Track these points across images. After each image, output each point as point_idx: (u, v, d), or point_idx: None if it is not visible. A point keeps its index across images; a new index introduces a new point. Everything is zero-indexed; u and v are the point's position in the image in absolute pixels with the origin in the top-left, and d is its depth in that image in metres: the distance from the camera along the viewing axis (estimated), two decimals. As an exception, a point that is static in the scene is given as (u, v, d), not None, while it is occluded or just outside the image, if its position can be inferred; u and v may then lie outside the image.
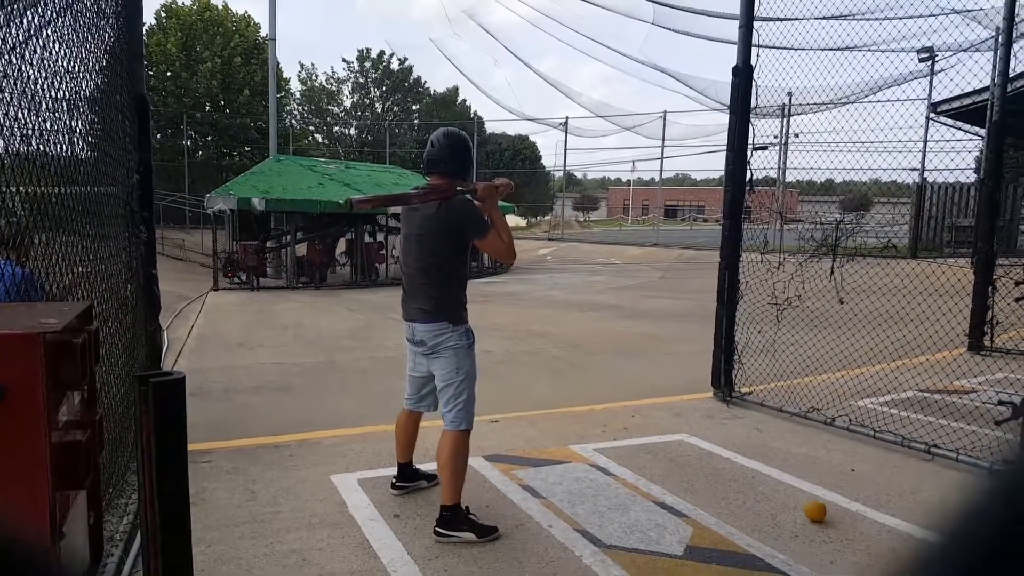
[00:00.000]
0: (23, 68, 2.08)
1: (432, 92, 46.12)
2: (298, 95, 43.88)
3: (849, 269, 5.29)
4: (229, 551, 3.03)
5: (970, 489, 0.35)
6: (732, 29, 5.44)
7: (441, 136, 3.32)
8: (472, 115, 44.20)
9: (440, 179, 3.27)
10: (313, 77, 44.49)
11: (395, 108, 45.17)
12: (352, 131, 44.95)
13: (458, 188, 3.21)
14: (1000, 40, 7.00)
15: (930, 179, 20.16)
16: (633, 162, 38.62)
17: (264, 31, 31.62)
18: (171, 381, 1.68)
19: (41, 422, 1.55)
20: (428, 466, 3.79)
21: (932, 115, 16.24)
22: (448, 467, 3.16)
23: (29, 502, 1.54)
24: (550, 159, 51.78)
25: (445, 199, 3.18)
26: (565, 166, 35.25)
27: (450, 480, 3.17)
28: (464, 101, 47.14)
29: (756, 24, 5.26)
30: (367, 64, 44.55)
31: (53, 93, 2.43)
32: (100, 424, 2.05)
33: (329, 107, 44.96)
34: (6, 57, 1.94)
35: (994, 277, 6.92)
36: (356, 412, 5.26)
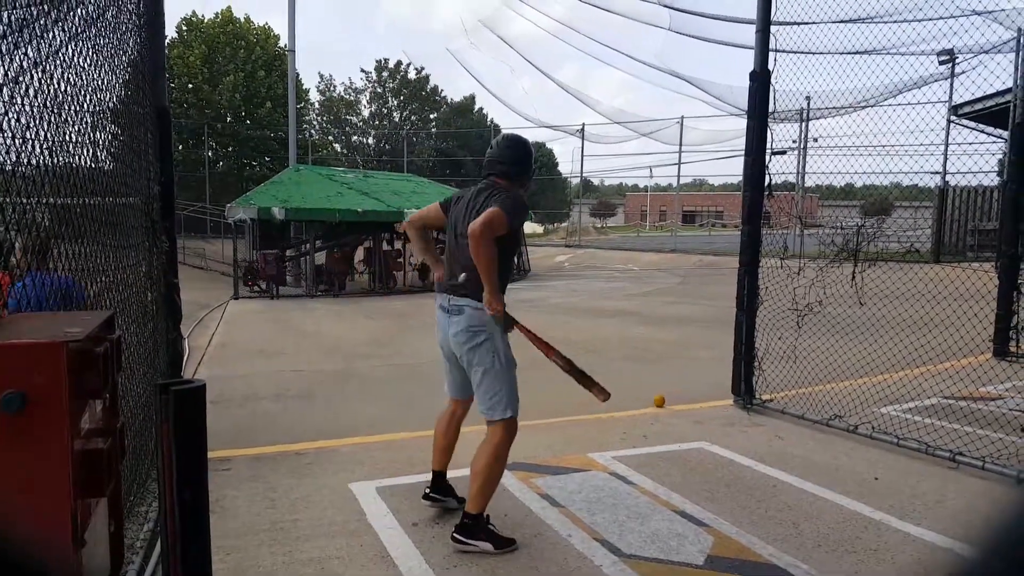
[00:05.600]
0: (47, 83, 2.12)
1: (449, 101, 46.38)
2: (317, 105, 44.37)
3: (870, 274, 5.22)
4: (249, 559, 3.04)
5: (1005, 501, 0.34)
6: (749, 34, 5.41)
7: (501, 140, 3.39)
8: (489, 123, 44.37)
9: (499, 179, 3.23)
10: (332, 88, 44.97)
11: (412, 117, 45.47)
12: (370, 140, 45.35)
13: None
14: (1022, 41, 6.89)
15: (952, 182, 19.87)
16: (651, 168, 38.51)
17: (283, 42, 32.04)
18: (192, 389, 1.69)
19: (63, 430, 1.57)
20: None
21: (953, 118, 16.02)
22: (484, 474, 3.09)
23: (51, 510, 1.56)
24: (567, 166, 51.68)
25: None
26: (582, 173, 35.28)
27: (485, 488, 3.10)
28: (481, 109, 47.35)
29: (773, 28, 5.22)
30: (385, 74, 44.93)
31: (76, 106, 2.47)
32: (122, 432, 2.07)
33: (348, 117, 45.39)
34: (31, 73, 1.98)
35: (1019, 281, 6.79)
36: (375, 420, 5.27)
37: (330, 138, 44.45)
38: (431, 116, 46.09)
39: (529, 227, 33.86)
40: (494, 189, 3.17)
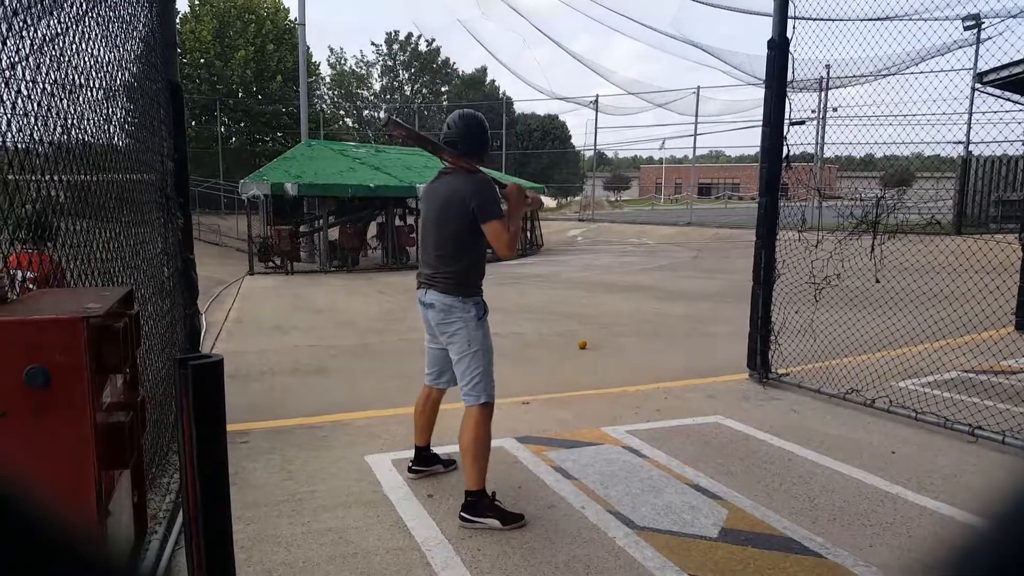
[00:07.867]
0: (60, 59, 2.12)
1: (461, 73, 45.95)
2: (328, 80, 44.12)
3: (890, 247, 5.15)
4: (268, 529, 3.09)
5: (1018, 473, 0.33)
6: (767, 1, 5.29)
7: (457, 118, 3.40)
8: (501, 95, 43.94)
9: (457, 159, 3.35)
10: (343, 61, 44.69)
11: (424, 90, 45.15)
12: (382, 114, 45.08)
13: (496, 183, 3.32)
14: (1053, 5, 6.68)
15: (976, 152, 19.48)
16: (663, 140, 37.88)
17: (293, 15, 31.81)
18: (210, 364, 1.71)
19: (86, 405, 1.59)
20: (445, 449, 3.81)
21: (978, 85, 15.61)
22: (472, 449, 3.16)
23: (76, 482, 1.59)
24: (580, 138, 51.03)
25: (471, 172, 3.26)
26: (596, 145, 34.94)
27: (476, 462, 3.16)
28: (493, 81, 46.91)
29: (793, -5, 5.10)
30: (395, 47, 44.54)
31: (89, 82, 2.46)
32: (142, 406, 2.10)
33: (359, 91, 45.13)
34: (44, 48, 1.97)
35: (1044, 253, 6.67)
36: (389, 394, 5.31)
37: (341, 112, 44.26)
38: (442, 89, 45.73)
39: (543, 201, 33.59)
40: (460, 184, 3.21)
